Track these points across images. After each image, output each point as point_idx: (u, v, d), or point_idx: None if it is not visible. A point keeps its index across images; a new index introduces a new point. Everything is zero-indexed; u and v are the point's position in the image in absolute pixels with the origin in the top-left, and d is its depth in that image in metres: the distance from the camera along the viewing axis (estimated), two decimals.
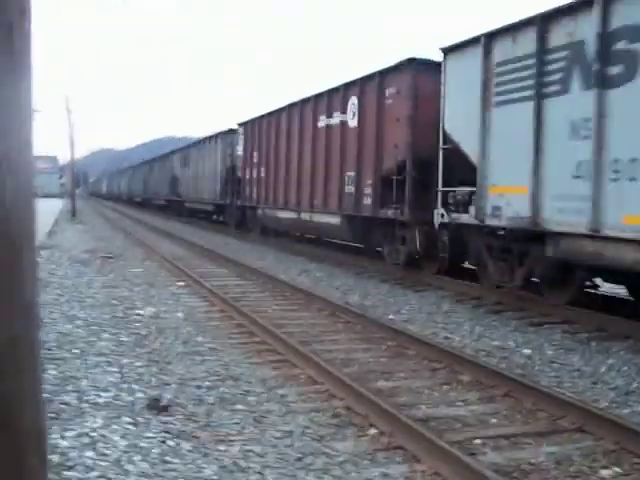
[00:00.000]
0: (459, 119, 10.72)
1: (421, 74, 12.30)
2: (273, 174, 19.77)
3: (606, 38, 7.84)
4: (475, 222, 10.31)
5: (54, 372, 5.53)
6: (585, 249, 8.30)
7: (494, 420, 5.25)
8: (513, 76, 9.49)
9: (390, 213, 12.91)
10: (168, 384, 5.69)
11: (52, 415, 4.44)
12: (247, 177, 22.66)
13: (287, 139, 18.57)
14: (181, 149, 37.39)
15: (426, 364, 6.84)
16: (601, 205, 7.90)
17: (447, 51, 11.09)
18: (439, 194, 11.15)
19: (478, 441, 4.73)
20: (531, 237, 9.37)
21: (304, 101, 17.51)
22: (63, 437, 4.08)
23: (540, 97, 8.91)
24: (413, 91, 12.34)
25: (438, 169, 11.18)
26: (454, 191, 10.93)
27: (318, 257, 16.28)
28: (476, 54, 10.13)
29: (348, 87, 14.94)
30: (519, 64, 9.33)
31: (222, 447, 4.36)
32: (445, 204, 11.06)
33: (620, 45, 7.70)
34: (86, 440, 4.09)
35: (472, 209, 10.37)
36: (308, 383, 6.01)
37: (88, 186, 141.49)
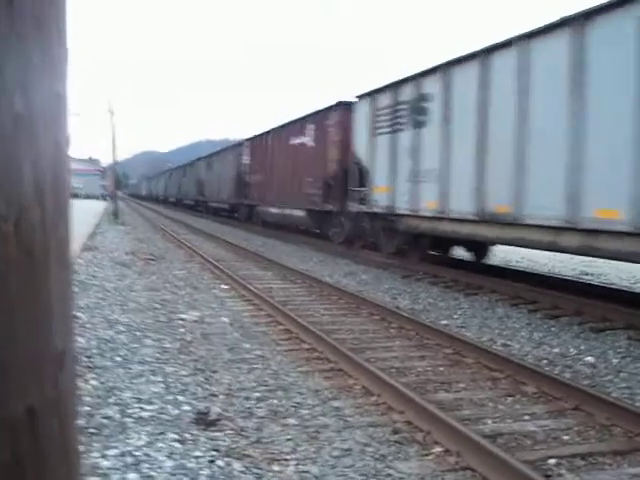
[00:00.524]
0: (360, 143, 16.14)
1: (347, 111, 17.48)
2: (267, 179, 25.23)
3: (419, 99, 13.22)
4: (368, 210, 15.64)
5: (95, 382, 5.22)
6: (412, 224, 13.68)
7: (566, 437, 4.82)
8: (384, 117, 14.80)
9: (329, 206, 18.41)
10: (215, 395, 5.38)
11: (93, 431, 4.16)
12: (251, 181, 28.06)
13: (272, 153, 24.50)
14: (206, 157, 42.59)
15: (486, 373, 6.42)
16: (417, 197, 13.20)
17: (358, 97, 16.36)
18: (353, 192, 16.64)
19: (552, 461, 4.32)
20: (394, 219, 14.33)
21: (283, 125, 23.46)
22: (104, 456, 3.78)
23: (394, 131, 14.31)
24: (341, 123, 17.87)
25: (353, 176, 16.67)
26: (360, 190, 16.23)
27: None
28: (368, 101, 15.65)
29: (308, 117, 20.72)
30: (387, 110, 14.69)
31: (276, 467, 4.02)
32: (356, 199, 16.38)
33: (424, 104, 13.05)
34: (129, 460, 3.78)
35: (366, 202, 15.73)
36: (364, 394, 5.63)
37: (129, 188, 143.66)
